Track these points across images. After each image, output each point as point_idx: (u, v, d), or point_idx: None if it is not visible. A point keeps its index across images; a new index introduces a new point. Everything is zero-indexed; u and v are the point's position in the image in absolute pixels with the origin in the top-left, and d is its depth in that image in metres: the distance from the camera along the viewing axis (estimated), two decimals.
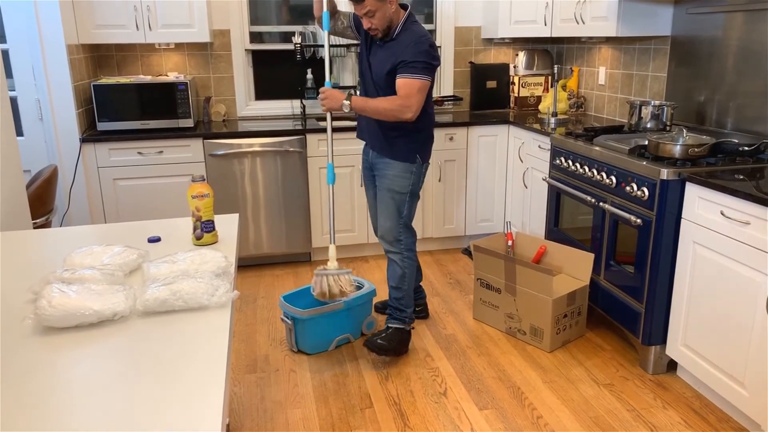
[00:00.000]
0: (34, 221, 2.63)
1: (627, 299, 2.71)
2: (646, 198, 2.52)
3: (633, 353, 2.81)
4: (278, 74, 4.29)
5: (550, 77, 4.43)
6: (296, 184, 3.79)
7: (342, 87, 4.24)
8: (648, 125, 3.17)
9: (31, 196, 2.64)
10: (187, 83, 3.65)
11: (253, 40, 4.19)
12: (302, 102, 4.18)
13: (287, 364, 2.78)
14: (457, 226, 4.13)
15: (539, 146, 3.57)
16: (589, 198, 2.91)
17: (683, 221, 2.44)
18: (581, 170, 2.99)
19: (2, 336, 1.21)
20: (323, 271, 2.68)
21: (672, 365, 2.65)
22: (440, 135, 3.85)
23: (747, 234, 2.12)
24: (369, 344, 2.75)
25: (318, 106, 4.31)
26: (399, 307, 2.83)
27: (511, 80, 4.47)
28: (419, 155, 2.71)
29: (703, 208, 2.33)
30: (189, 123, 3.70)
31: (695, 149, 2.50)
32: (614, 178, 2.73)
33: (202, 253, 1.49)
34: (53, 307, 1.21)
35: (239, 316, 3.27)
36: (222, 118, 4.12)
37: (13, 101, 3.40)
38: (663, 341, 2.61)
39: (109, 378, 1.06)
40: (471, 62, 4.46)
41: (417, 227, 3.83)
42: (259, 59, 4.24)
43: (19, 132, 3.46)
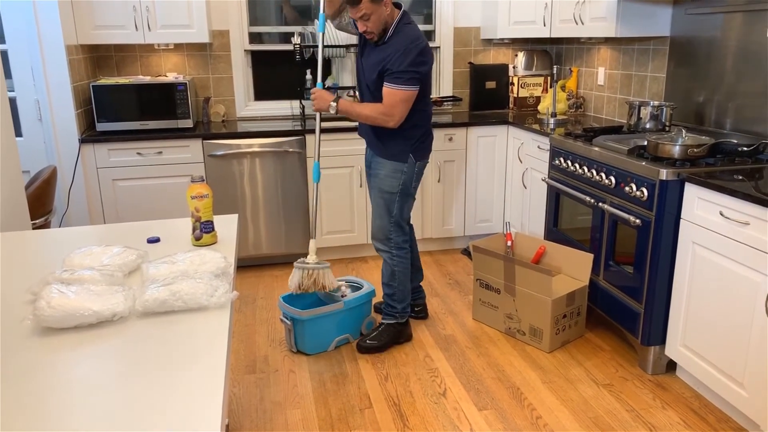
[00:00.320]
0: (33, 222, 2.63)
1: (626, 299, 2.71)
2: (645, 198, 2.52)
3: (632, 353, 2.82)
4: (277, 75, 4.29)
5: (550, 78, 4.43)
6: (295, 185, 3.79)
7: (341, 87, 4.24)
8: (647, 126, 3.17)
9: (30, 197, 2.63)
10: (187, 84, 3.65)
11: (253, 41, 4.19)
12: (301, 102, 4.18)
13: (286, 365, 2.78)
14: (457, 227, 4.13)
15: (538, 147, 3.57)
16: (589, 198, 2.91)
17: (682, 221, 2.44)
18: (580, 171, 2.99)
19: (1, 337, 1.21)
20: (301, 264, 2.75)
21: (671, 365, 2.65)
22: (439, 135, 3.85)
23: (746, 234, 2.12)
24: (360, 348, 2.87)
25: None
26: (390, 303, 2.90)
27: (511, 81, 4.47)
28: (412, 154, 2.72)
29: (703, 209, 2.33)
30: (188, 123, 3.70)
31: (694, 150, 2.51)
32: (613, 179, 2.73)
33: (202, 254, 1.49)
34: (52, 308, 1.21)
35: (238, 317, 3.27)
36: (221, 119, 4.12)
37: (12, 102, 3.39)
38: (662, 341, 2.61)
39: (109, 379, 1.06)
40: (470, 63, 4.46)
41: (416, 228, 3.83)
42: (259, 60, 4.24)
43: (18, 132, 3.45)
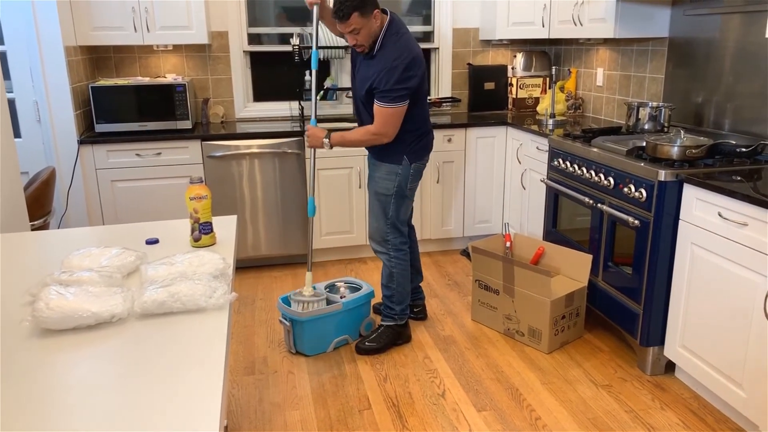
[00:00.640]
0: (32, 223, 2.62)
1: (625, 300, 2.71)
2: (644, 199, 2.52)
3: (631, 354, 2.82)
4: (276, 76, 4.29)
5: (548, 79, 4.44)
6: (294, 186, 3.79)
7: (340, 88, 4.24)
8: (646, 126, 3.18)
9: (29, 198, 2.63)
10: (185, 85, 3.65)
11: (252, 42, 4.19)
12: (300, 103, 4.18)
13: (285, 366, 2.78)
14: (456, 228, 4.13)
15: (537, 147, 3.58)
16: (587, 199, 2.91)
17: (681, 222, 2.44)
18: (579, 171, 2.99)
19: (0, 338, 1.21)
20: (297, 298, 2.81)
21: (670, 366, 2.65)
22: (438, 136, 3.85)
23: (745, 235, 2.13)
24: (359, 350, 2.87)
25: (318, 109, 4.31)
26: (389, 305, 2.91)
27: (509, 82, 4.47)
28: (406, 156, 2.72)
29: (701, 210, 2.33)
30: (187, 125, 3.70)
31: (693, 150, 2.51)
32: (612, 180, 2.74)
33: (200, 255, 1.49)
34: (51, 310, 1.21)
35: (237, 318, 3.26)
36: (220, 120, 4.12)
37: (11, 103, 3.39)
38: (661, 342, 2.61)
39: (108, 380, 1.06)
40: (469, 64, 4.46)
41: (415, 228, 3.83)
42: (258, 61, 4.24)
43: (17, 134, 3.45)
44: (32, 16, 3.28)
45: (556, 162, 3.22)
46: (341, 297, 2.90)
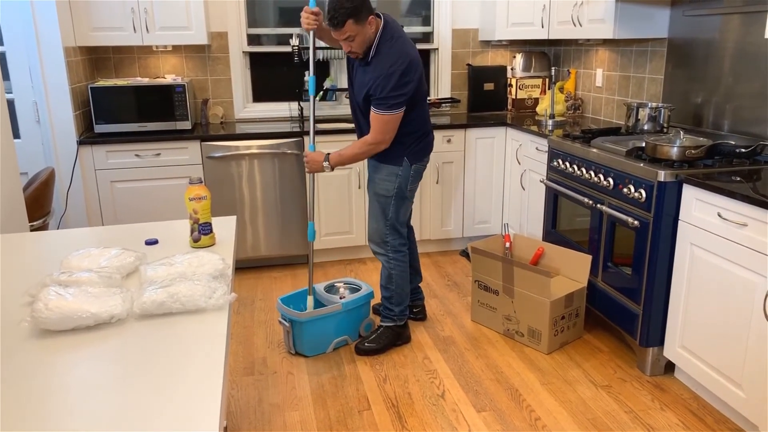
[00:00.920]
0: (31, 224, 2.62)
1: (624, 301, 2.72)
2: (644, 200, 2.52)
3: (631, 355, 2.82)
4: (276, 76, 4.29)
5: (548, 79, 4.44)
6: (294, 186, 3.79)
7: (340, 89, 4.24)
8: (645, 127, 3.18)
9: (28, 199, 2.63)
10: (185, 85, 3.65)
11: (251, 43, 4.19)
12: (300, 104, 4.18)
13: (285, 367, 2.78)
14: (455, 228, 4.13)
15: (537, 148, 3.58)
16: (587, 200, 2.91)
17: (680, 223, 2.44)
18: (579, 172, 2.99)
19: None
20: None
21: (669, 367, 2.65)
22: (438, 137, 3.85)
23: (744, 236, 2.13)
24: (358, 351, 2.87)
25: (317, 110, 4.31)
26: (388, 306, 2.91)
27: (509, 82, 4.47)
28: (407, 157, 2.72)
29: (700, 210, 2.33)
30: (186, 125, 3.70)
31: (692, 151, 2.51)
32: (611, 180, 2.74)
33: (200, 256, 1.49)
34: (50, 310, 1.21)
35: (237, 319, 3.26)
36: (219, 121, 4.12)
37: (10, 103, 3.39)
38: (660, 343, 2.61)
39: (107, 381, 1.05)
40: (468, 64, 4.47)
41: (415, 229, 3.83)
42: (257, 61, 4.24)
43: (16, 134, 3.45)
44: (31, 17, 3.28)
45: (556, 162, 3.22)
46: (341, 298, 2.90)
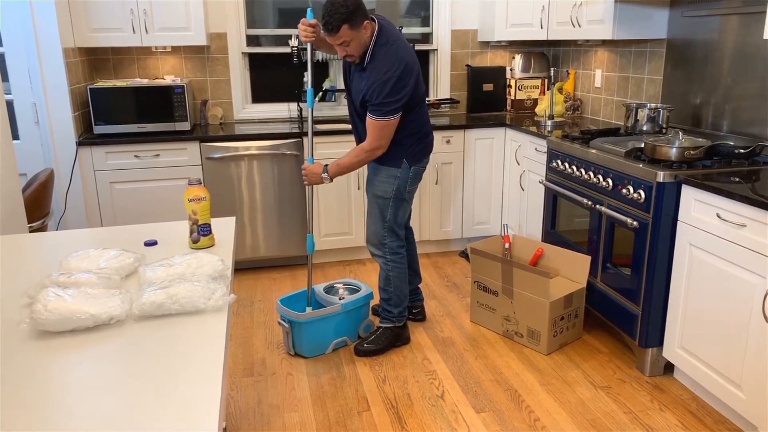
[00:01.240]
0: (30, 225, 2.62)
1: (624, 302, 2.72)
2: (643, 200, 2.52)
3: (630, 355, 2.82)
4: (275, 77, 4.29)
5: (547, 80, 4.44)
6: (293, 187, 3.79)
7: (339, 90, 4.24)
8: (644, 128, 3.18)
9: (27, 200, 2.63)
10: (184, 86, 3.64)
11: (250, 44, 4.19)
12: (299, 105, 4.18)
13: (284, 368, 2.78)
14: (454, 229, 4.13)
15: (536, 149, 3.58)
16: (586, 200, 2.91)
17: (679, 223, 2.44)
18: (578, 173, 2.99)
19: None
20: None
21: (669, 367, 2.65)
22: (437, 138, 3.85)
23: (743, 236, 2.13)
24: (358, 352, 2.87)
25: (316, 110, 4.32)
26: (387, 308, 2.91)
27: (508, 83, 4.48)
28: (406, 159, 2.72)
29: (699, 211, 2.33)
30: (186, 126, 3.70)
31: (691, 152, 2.51)
32: (611, 181, 2.74)
33: (199, 257, 1.49)
34: (49, 311, 1.21)
35: (236, 320, 3.26)
36: (219, 122, 4.12)
37: (9, 104, 3.39)
38: (660, 343, 2.61)
39: (106, 382, 1.05)
40: (467, 65, 4.47)
41: (414, 230, 3.83)
42: (256, 62, 4.24)
43: (16, 135, 3.45)
44: (30, 18, 3.28)
45: (555, 163, 3.23)
46: (340, 299, 2.90)
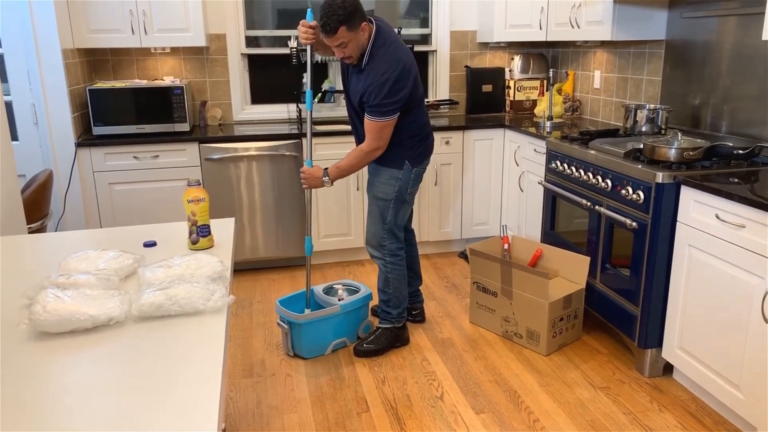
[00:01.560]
0: (29, 226, 2.62)
1: (623, 302, 2.72)
2: (642, 201, 2.53)
3: (629, 356, 2.82)
4: (274, 78, 4.29)
5: (546, 81, 4.44)
6: (292, 188, 3.79)
7: (338, 91, 4.24)
8: (643, 129, 3.18)
9: (26, 201, 2.63)
10: (183, 87, 3.64)
11: (249, 45, 4.19)
12: (298, 106, 4.18)
13: (283, 369, 2.77)
14: (453, 230, 4.13)
15: (535, 150, 3.58)
16: (585, 201, 2.91)
17: (678, 224, 2.44)
18: (577, 174, 3.00)
19: None
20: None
21: (668, 368, 2.66)
22: (436, 139, 3.84)
23: (742, 237, 2.13)
24: (357, 352, 2.87)
25: (316, 111, 4.32)
26: (386, 310, 2.91)
27: (507, 84, 4.48)
28: (408, 161, 2.72)
29: (698, 212, 2.34)
30: (185, 127, 3.70)
31: (690, 153, 2.51)
32: (610, 182, 2.74)
33: (198, 258, 1.49)
34: (48, 313, 1.21)
35: (235, 321, 3.26)
36: (218, 122, 4.12)
37: (9, 105, 3.39)
38: (659, 344, 2.61)
39: (105, 383, 1.05)
40: (466, 66, 4.47)
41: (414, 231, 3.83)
42: (255, 63, 4.24)
43: (14, 136, 3.45)
44: (29, 19, 3.28)
45: (554, 164, 3.23)
46: (339, 299, 2.90)
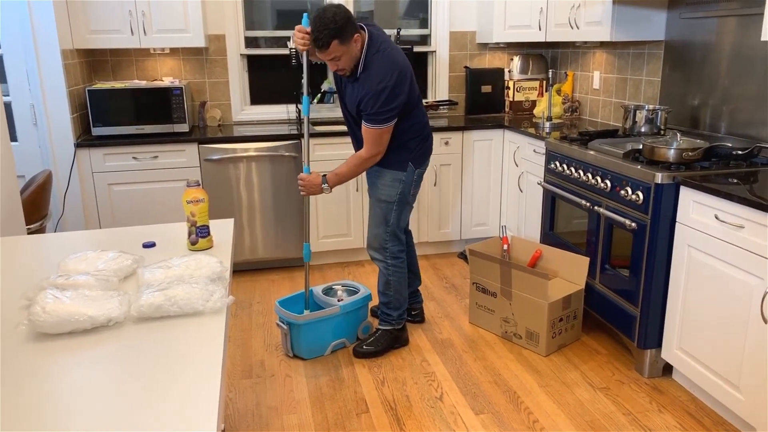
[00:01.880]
0: (28, 227, 2.62)
1: (622, 303, 2.72)
2: (641, 202, 2.53)
3: (628, 357, 2.82)
4: (273, 79, 4.29)
5: (545, 82, 4.45)
6: (291, 189, 3.79)
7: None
8: (642, 129, 3.18)
9: (26, 202, 2.63)
10: (182, 88, 3.64)
11: (249, 45, 4.19)
12: (297, 107, 4.18)
13: (283, 370, 2.77)
14: (453, 230, 4.13)
15: (534, 150, 3.58)
16: (584, 202, 2.91)
17: (678, 225, 2.45)
18: (576, 174, 3.00)
19: None
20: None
21: (667, 369, 2.66)
22: (436, 139, 3.85)
23: (741, 237, 2.13)
24: (357, 353, 2.86)
25: (315, 112, 4.32)
26: (386, 311, 2.90)
27: (506, 85, 4.48)
28: (411, 162, 2.72)
29: (698, 212, 2.34)
30: (184, 128, 3.70)
31: (689, 153, 2.52)
32: (609, 182, 2.74)
33: (197, 259, 1.49)
34: (47, 313, 1.20)
35: (234, 322, 3.26)
36: (217, 123, 4.12)
37: (8, 106, 3.39)
38: (658, 345, 2.61)
39: (104, 384, 1.05)
40: (466, 67, 4.47)
41: (413, 232, 3.83)
42: (254, 64, 4.24)
43: (14, 137, 3.45)
44: (29, 19, 3.28)
45: (553, 165, 3.23)
46: (339, 300, 2.90)
